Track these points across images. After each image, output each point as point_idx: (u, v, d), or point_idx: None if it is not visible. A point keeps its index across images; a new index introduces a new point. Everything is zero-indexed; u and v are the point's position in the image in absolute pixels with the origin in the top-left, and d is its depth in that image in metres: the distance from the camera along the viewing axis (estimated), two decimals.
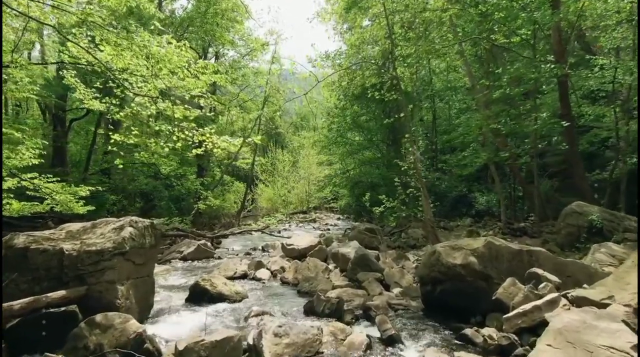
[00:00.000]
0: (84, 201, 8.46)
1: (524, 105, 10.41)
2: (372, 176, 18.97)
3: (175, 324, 5.52)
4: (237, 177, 30.53)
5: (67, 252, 4.94)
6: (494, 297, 4.52)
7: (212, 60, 26.48)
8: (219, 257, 11.29)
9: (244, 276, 8.56)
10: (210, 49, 25.59)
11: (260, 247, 14.23)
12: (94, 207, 8.87)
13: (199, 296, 6.65)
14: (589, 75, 9.88)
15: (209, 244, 11.55)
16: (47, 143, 10.36)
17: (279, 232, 19.34)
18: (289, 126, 39.28)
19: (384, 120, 18.54)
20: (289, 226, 23.45)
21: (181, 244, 11.69)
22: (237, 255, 12.98)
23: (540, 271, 4.58)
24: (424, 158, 18.59)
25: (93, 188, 8.09)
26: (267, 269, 9.03)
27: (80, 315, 4.71)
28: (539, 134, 9.96)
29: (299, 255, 10.01)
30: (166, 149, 5.76)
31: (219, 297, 6.61)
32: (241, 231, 16.27)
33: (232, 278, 8.40)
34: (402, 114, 9.63)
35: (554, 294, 4.15)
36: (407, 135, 9.40)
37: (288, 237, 16.30)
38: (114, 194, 17.40)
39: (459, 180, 17.62)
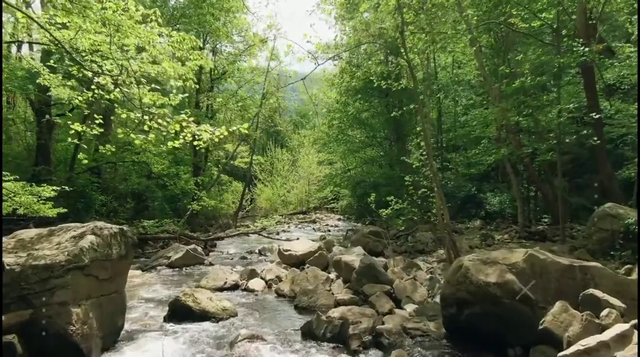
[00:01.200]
0: (52, 203, 7.48)
1: (543, 97, 9.44)
2: (374, 175, 18.02)
3: (145, 354, 4.57)
4: (235, 176, 29.64)
5: (8, 267, 3.99)
6: (541, 327, 3.57)
7: (209, 56, 25.55)
8: (210, 263, 10.34)
9: (234, 287, 7.60)
10: (207, 46, 24.56)
11: (257, 250, 13.38)
12: (65, 209, 7.88)
13: (179, 314, 5.70)
14: (615, 64, 8.94)
15: (199, 248, 10.59)
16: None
17: (278, 233, 18.41)
18: (288, 124, 38.29)
19: (388, 115, 17.64)
20: (288, 227, 22.51)
21: (169, 248, 10.73)
22: (232, 259, 12.11)
23: (599, 293, 3.63)
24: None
25: (58, 188, 7.09)
26: (262, 278, 8.07)
27: (20, 347, 3.77)
28: (562, 128, 9.00)
29: (297, 262, 9.06)
30: (137, 142, 4.80)
31: (203, 316, 5.67)
32: (236, 233, 15.33)
33: (221, 289, 7.47)
34: (411, 106, 8.66)
35: (624, 326, 3.20)
36: (418, 128, 8.45)
37: (286, 240, 15.39)
38: (103, 195, 16.47)
39: (464, 179, 16.68)
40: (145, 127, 4.62)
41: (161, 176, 17.07)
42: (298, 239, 15.87)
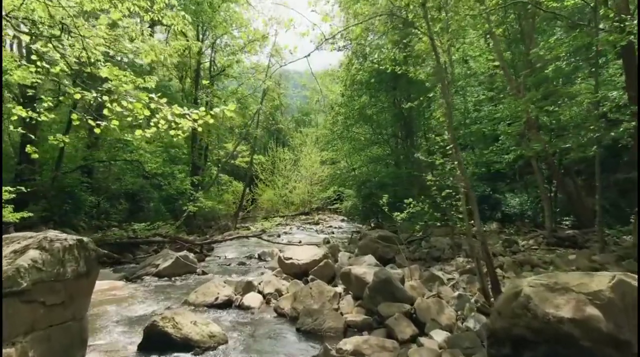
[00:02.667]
0: (12, 206, 6.45)
1: (577, 85, 8.36)
2: (379, 175, 16.93)
3: None
4: (236, 176, 28.68)
5: None
6: None
7: (209, 51, 24.54)
8: (203, 272, 9.32)
9: (227, 304, 6.56)
10: (207, 42, 23.53)
11: (256, 255, 12.44)
12: (30, 214, 6.85)
13: (156, 342, 4.66)
14: None
15: (191, 255, 9.55)
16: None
17: (279, 235, 17.44)
18: (290, 122, 37.26)
19: (396, 111, 16.56)
20: (290, 228, 21.51)
21: (159, 255, 9.70)
22: (229, 265, 11.15)
23: None
24: (438, 156, 16.57)
25: (12, 188, 6.05)
26: (259, 292, 7.03)
27: None
28: (595, 121, 7.93)
29: (300, 272, 8.03)
30: (97, 130, 3.78)
31: (185, 344, 4.63)
32: (234, 237, 14.29)
33: (212, 306, 6.45)
34: (438, 87, 7.59)
35: None
36: (436, 113, 7.41)
37: (288, 242, 14.38)
38: (94, 195, 15.48)
39: (474, 178, 15.56)
40: (105, 111, 3.61)
41: (155, 176, 16.05)
42: (300, 242, 14.90)
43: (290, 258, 8.31)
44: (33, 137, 8.32)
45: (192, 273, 9.11)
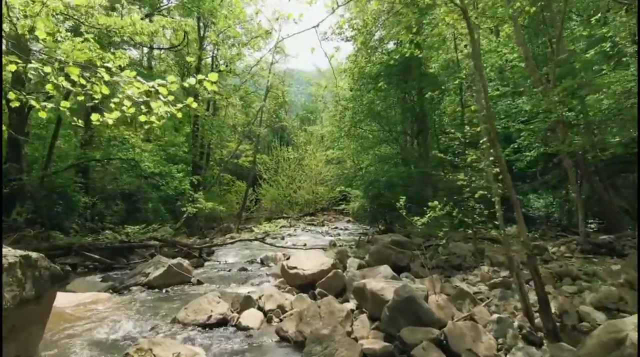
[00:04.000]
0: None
1: (625, 72, 7.38)
2: (388, 174, 15.94)
3: None
4: (239, 176, 27.84)
5: None
6: None
7: (210, 47, 23.71)
8: (199, 282, 8.41)
9: (222, 323, 5.65)
10: (208, 37, 22.68)
11: (258, 260, 11.59)
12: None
13: None
14: None
15: (185, 263, 8.64)
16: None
17: (283, 238, 16.57)
18: (294, 120, 36.37)
19: (407, 105, 15.61)
20: (294, 230, 20.61)
21: (150, 262, 8.80)
22: (229, 270, 10.29)
23: None
24: (448, 154, 15.62)
25: None
26: (259, 308, 6.13)
27: None
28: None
29: (305, 283, 7.11)
30: (42, 114, 2.89)
31: None
32: (235, 241, 13.43)
33: (203, 326, 5.54)
34: (471, 62, 6.66)
35: None
36: (459, 81, 6.48)
37: (292, 247, 13.51)
38: (88, 196, 14.64)
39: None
40: (49, 88, 2.71)
41: (153, 175, 15.19)
42: (305, 245, 14.01)
43: (295, 267, 7.38)
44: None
45: (186, 283, 8.22)
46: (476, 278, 7.58)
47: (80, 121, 3.57)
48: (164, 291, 7.76)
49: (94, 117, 2.85)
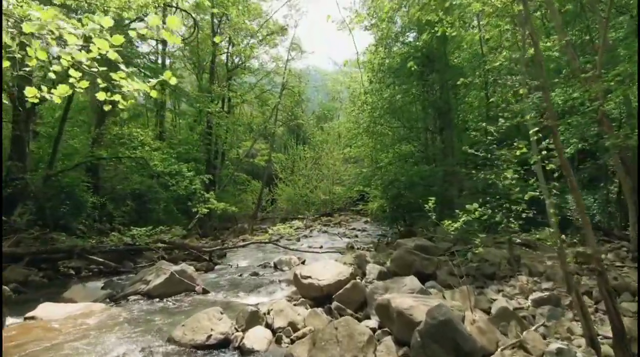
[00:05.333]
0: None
1: None
2: (408, 173, 14.95)
3: None
4: (255, 176, 27.27)
5: None
6: None
7: (224, 44, 23.12)
8: (204, 291, 7.69)
9: (223, 344, 4.89)
10: (223, 33, 22.11)
11: (272, 263, 10.95)
12: None
13: None
14: None
15: (189, 270, 7.88)
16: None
17: (298, 240, 15.85)
18: (310, 118, 35.59)
19: (431, 99, 14.64)
20: (310, 231, 19.83)
21: (152, 268, 8.10)
22: (240, 275, 9.70)
23: None
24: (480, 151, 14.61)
25: None
26: (267, 325, 5.35)
27: None
28: None
29: (321, 296, 6.30)
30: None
31: None
32: (247, 243, 12.75)
33: (202, 347, 4.79)
34: (501, 54, 5.77)
35: None
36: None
37: (307, 250, 12.77)
38: (97, 196, 14.13)
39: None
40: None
41: (163, 174, 14.61)
42: (321, 247, 13.27)
43: (309, 277, 6.57)
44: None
45: (190, 292, 7.50)
46: (514, 290, 6.66)
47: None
48: (164, 300, 7.07)
49: (30, 92, 2.13)
